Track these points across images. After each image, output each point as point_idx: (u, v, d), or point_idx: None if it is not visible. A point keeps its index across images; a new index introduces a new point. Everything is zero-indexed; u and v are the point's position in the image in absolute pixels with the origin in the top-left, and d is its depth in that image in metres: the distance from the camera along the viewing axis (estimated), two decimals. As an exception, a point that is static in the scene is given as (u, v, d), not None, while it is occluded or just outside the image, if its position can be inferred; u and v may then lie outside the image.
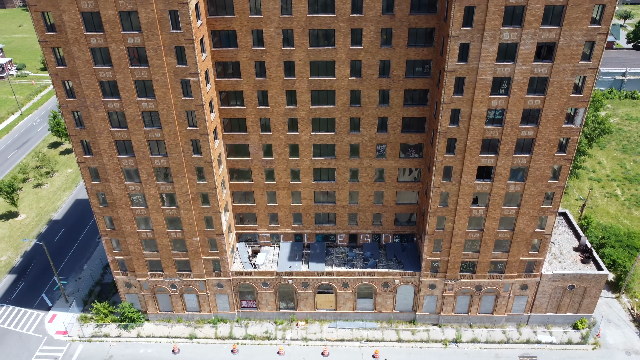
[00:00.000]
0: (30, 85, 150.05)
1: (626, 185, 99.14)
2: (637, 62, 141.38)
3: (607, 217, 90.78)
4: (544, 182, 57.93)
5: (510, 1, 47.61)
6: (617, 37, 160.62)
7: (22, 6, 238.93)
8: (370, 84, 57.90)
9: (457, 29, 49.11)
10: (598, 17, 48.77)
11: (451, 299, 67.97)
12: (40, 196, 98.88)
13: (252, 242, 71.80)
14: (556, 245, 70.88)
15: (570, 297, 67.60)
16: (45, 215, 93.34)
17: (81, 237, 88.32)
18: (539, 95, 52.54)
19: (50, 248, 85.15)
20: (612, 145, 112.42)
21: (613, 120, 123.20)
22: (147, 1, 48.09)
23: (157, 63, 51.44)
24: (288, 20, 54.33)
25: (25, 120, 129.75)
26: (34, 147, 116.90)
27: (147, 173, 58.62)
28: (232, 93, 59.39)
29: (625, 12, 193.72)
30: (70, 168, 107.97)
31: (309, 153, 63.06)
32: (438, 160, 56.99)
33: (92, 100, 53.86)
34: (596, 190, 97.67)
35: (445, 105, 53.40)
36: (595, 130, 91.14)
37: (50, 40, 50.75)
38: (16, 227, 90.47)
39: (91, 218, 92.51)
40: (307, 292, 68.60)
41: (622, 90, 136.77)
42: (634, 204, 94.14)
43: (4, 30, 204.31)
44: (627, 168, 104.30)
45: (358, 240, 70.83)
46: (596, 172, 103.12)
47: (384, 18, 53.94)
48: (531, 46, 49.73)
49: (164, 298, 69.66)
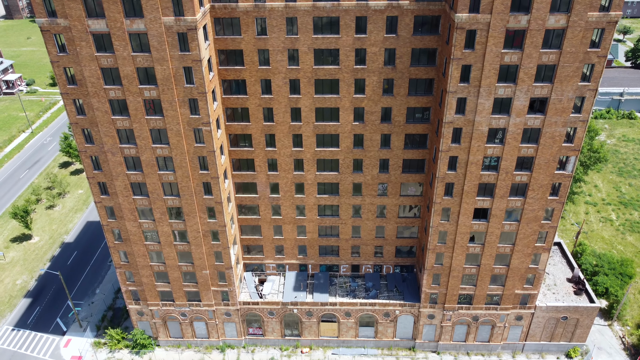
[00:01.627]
0: (40, 101, 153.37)
1: (621, 210, 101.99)
2: (635, 82, 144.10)
3: (601, 243, 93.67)
4: (537, 223, 60.91)
5: (505, 60, 50.62)
6: (616, 56, 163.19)
7: (30, 17, 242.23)
8: (373, 128, 60.95)
9: (454, 85, 52.13)
10: (588, 74, 51.74)
11: (449, 328, 70.99)
12: (53, 218, 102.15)
13: (258, 272, 74.96)
14: (550, 276, 73.84)
15: (564, 327, 70.58)
16: (58, 238, 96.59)
17: (93, 260, 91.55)
18: (532, 145, 55.54)
19: (63, 272, 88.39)
20: (609, 167, 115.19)
21: (610, 142, 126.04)
22: (163, 59, 51.23)
23: (172, 114, 54.58)
24: (295, 71, 57.42)
25: (35, 139, 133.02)
26: (45, 166, 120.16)
27: (161, 212, 61.78)
28: (242, 136, 62.51)
29: (625, 28, 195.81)
30: (81, 189, 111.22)
31: (313, 191, 66.14)
32: (437, 202, 60.02)
33: (110, 147, 57.03)
34: (591, 215, 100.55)
35: (444, 152, 56.42)
36: (591, 159, 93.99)
37: (71, 93, 53.91)
38: (30, 250, 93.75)
39: (102, 241, 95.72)
40: (312, 321, 71.68)
41: (620, 110, 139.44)
42: (628, 229, 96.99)
43: (13, 43, 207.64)
44: (622, 192, 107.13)
45: (360, 270, 73.92)
46: (592, 196, 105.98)
47: (386, 69, 56.99)
48: (524, 101, 52.73)
49: (175, 325, 72.85)
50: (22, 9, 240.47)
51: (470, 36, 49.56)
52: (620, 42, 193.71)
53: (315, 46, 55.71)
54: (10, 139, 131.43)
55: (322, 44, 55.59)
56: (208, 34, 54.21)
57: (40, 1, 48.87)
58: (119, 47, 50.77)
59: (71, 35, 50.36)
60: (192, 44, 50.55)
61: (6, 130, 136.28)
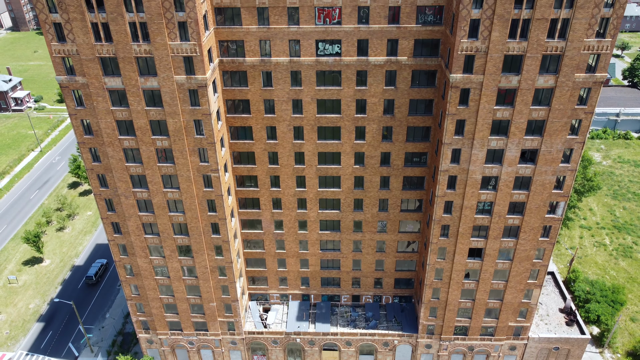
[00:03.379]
0: (48, 119, 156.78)
1: (615, 234, 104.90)
2: (631, 102, 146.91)
3: (595, 268, 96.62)
4: (529, 262, 63.93)
5: (497, 116, 53.66)
6: (613, 74, 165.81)
7: (36, 29, 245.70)
8: (372, 171, 64.03)
9: (449, 137, 55.20)
10: (576, 127, 54.73)
11: (446, 357, 74.03)
12: (63, 240, 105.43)
13: (263, 301, 78.10)
14: (543, 306, 76.84)
15: (556, 357, 73.58)
16: (69, 261, 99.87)
17: (102, 283, 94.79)
18: (523, 191, 58.57)
19: (74, 295, 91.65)
20: (604, 190, 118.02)
21: (605, 163, 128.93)
22: (175, 113, 54.40)
23: (182, 162, 57.73)
24: (299, 119, 60.54)
25: (44, 158, 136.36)
26: (54, 187, 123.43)
27: (171, 250, 64.95)
28: (248, 177, 65.62)
29: (623, 43, 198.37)
30: (89, 210, 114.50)
31: (316, 227, 69.25)
32: (433, 242, 63.07)
33: (123, 191, 60.21)
34: (586, 240, 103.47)
35: (440, 197, 59.47)
36: (585, 187, 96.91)
37: (87, 142, 57.11)
38: (42, 274, 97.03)
39: (111, 264, 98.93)
40: (314, 349, 74.79)
41: (616, 130, 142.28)
42: (621, 254, 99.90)
43: (20, 56, 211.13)
44: (616, 215, 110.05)
45: (361, 300, 77.01)
46: (587, 220, 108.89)
47: (385, 118, 60.08)
48: (516, 152, 55.76)
49: (182, 353, 76.02)
50: (28, 21, 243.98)
51: (464, 94, 52.63)
52: (618, 58, 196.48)
53: (318, 97, 58.82)
54: (20, 158, 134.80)
55: (325, 95, 58.70)
56: (217, 86, 57.37)
57: (60, 61, 52.06)
58: (134, 102, 53.95)
59: (89, 92, 53.56)
60: (203, 99, 53.70)
61: (16, 149, 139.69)
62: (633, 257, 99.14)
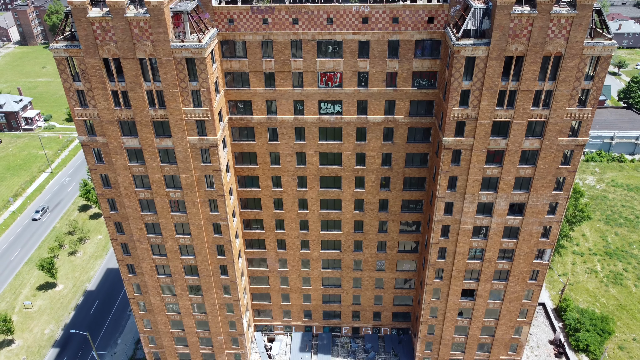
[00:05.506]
0: (58, 138, 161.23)
1: (606, 261, 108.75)
2: (626, 124, 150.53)
3: (585, 295, 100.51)
4: (518, 302, 67.98)
5: (487, 174, 57.75)
6: (608, 96, 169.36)
7: (44, 44, 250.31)
8: (371, 216, 68.14)
9: (442, 192, 59.31)
10: (562, 181, 58.74)
11: (441, 387, 78.19)
12: (75, 265, 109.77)
13: (267, 332, 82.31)
14: (534, 338, 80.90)
15: (545, 387, 77.67)
16: (81, 286, 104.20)
17: (114, 309, 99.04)
18: (512, 240, 62.63)
19: (86, 321, 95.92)
20: (597, 215, 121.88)
21: (599, 187, 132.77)
22: (187, 169, 58.62)
23: (194, 211, 61.95)
24: (302, 170, 64.71)
25: (55, 179, 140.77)
26: (65, 209, 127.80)
27: (182, 289, 69.18)
28: (254, 220, 69.81)
29: (620, 61, 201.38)
30: (100, 234, 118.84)
31: (318, 266, 73.41)
32: (428, 283, 67.19)
33: (138, 236, 64.44)
34: (578, 266, 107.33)
35: (434, 244, 63.59)
36: (576, 217, 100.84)
37: (105, 194, 61.38)
38: (56, 299, 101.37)
39: (122, 289, 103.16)
40: (316, 379, 79.07)
41: (610, 153, 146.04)
42: (612, 281, 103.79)
43: (28, 72, 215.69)
44: (608, 241, 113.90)
45: (360, 332, 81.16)
46: (579, 245, 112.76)
47: (383, 169, 64.19)
48: (505, 205, 59.84)
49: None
50: (36, 35, 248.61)
51: (456, 154, 56.72)
52: (615, 76, 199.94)
53: (321, 150, 62.99)
54: (32, 179, 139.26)
55: (327, 148, 62.86)
56: (226, 142, 61.56)
57: (82, 123, 56.34)
58: (149, 160, 58.18)
59: (108, 150, 57.83)
60: (213, 157, 57.92)
61: (27, 170, 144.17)
62: (623, 284, 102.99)
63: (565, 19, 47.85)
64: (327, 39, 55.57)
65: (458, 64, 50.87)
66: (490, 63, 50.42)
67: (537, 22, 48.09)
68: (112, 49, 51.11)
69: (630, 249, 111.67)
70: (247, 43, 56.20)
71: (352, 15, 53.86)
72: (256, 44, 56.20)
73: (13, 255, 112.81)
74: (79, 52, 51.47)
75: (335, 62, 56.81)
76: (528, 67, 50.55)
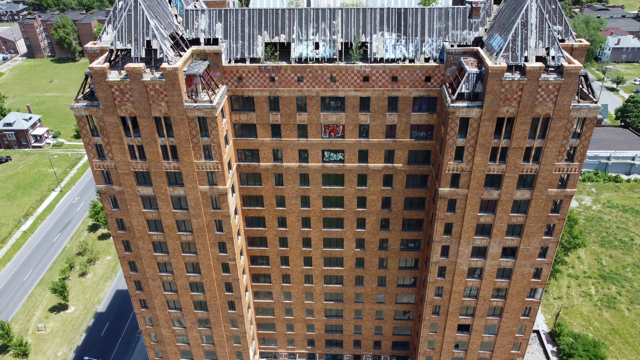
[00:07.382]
0: (67, 156, 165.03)
1: (600, 284, 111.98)
2: (622, 144, 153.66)
3: (580, 319, 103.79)
4: (512, 336, 71.40)
5: (481, 221, 61.19)
6: (605, 115, 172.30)
7: (51, 57, 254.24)
8: (372, 254, 71.60)
9: (439, 237, 62.74)
10: (552, 228, 62.09)
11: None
12: (85, 287, 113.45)
13: (272, 358, 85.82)
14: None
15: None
16: (92, 308, 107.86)
17: (124, 331, 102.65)
18: (505, 280, 66.04)
19: (97, 343, 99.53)
20: (592, 237, 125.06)
21: (595, 207, 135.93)
22: (198, 215, 62.17)
23: (204, 253, 65.50)
24: (306, 212, 68.20)
25: (65, 198, 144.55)
26: (75, 229, 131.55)
27: (191, 322, 72.76)
28: (260, 257, 73.38)
29: (619, 77, 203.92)
30: (109, 255, 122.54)
31: (321, 298, 76.90)
32: (425, 318, 70.65)
33: (151, 275, 68.04)
34: (573, 289, 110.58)
35: (431, 284, 67.04)
36: (571, 243, 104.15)
37: (120, 236, 64.97)
38: (67, 321, 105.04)
39: (131, 311, 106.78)
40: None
41: (607, 173, 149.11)
42: (605, 304, 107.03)
43: (36, 86, 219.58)
44: (602, 264, 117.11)
45: (361, 359, 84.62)
46: (575, 268, 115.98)
47: (383, 211, 67.65)
48: (498, 249, 63.24)
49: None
50: (43, 48, 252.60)
51: (452, 203, 60.14)
52: (613, 92, 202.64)
53: (324, 194, 66.46)
54: (42, 198, 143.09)
55: (330, 192, 66.33)
56: (235, 187, 65.10)
57: (99, 173, 59.94)
58: (162, 206, 61.74)
59: (123, 197, 61.39)
60: (223, 204, 61.44)
61: (37, 188, 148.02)
62: (616, 307, 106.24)
63: (553, 85, 51.24)
64: (330, 95, 59.06)
65: (453, 123, 54.30)
66: (483, 123, 53.83)
67: (526, 88, 51.49)
68: (130, 108, 54.68)
69: (624, 272, 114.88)
70: (255, 98, 59.72)
71: (354, 74, 57.34)
72: (263, 99, 59.72)
73: (25, 277, 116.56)
74: (98, 111, 55.05)
75: (338, 116, 60.30)
76: (519, 127, 53.95)
